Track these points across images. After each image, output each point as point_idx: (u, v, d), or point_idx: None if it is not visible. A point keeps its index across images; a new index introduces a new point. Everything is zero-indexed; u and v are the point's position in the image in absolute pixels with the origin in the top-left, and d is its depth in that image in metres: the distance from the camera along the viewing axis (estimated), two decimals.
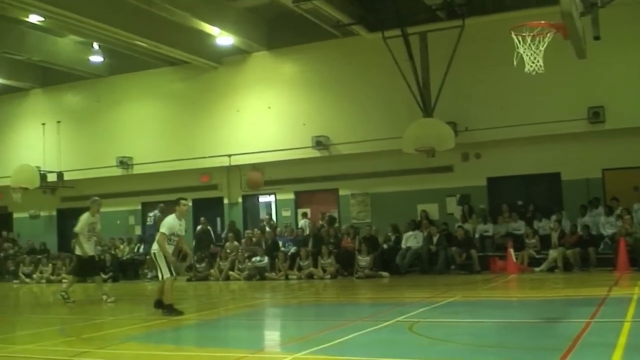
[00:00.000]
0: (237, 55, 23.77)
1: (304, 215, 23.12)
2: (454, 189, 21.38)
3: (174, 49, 22.34)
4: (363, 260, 19.52)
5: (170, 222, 12.24)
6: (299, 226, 22.63)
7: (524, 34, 8.99)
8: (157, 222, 21.82)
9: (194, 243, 22.59)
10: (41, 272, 24.21)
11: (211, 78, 24.23)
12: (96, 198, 15.63)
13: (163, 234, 12.05)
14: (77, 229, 15.02)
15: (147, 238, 22.19)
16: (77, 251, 15.25)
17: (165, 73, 25.05)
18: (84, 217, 15.13)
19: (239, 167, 23.70)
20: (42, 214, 28.08)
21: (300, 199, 23.82)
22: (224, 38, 22.14)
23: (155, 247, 12.20)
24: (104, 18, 19.92)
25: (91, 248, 15.30)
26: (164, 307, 12.15)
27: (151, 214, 22.45)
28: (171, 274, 12.10)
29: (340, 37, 21.72)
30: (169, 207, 21.87)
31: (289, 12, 20.60)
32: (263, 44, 23.23)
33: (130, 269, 23.64)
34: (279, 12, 21.60)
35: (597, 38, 8.77)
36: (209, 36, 22.06)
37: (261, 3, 21.33)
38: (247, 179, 15.71)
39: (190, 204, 23.13)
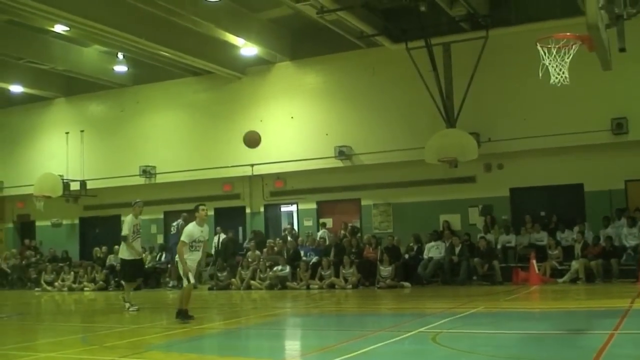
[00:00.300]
0: (260, 66, 23.89)
1: (323, 225, 23.16)
2: (477, 199, 21.32)
3: (198, 59, 22.50)
4: (385, 270, 19.48)
5: (190, 230, 12.39)
6: (319, 236, 22.66)
7: (549, 46, 8.96)
8: (180, 230, 21.94)
9: (213, 251, 22.73)
10: (63, 280, 24.40)
11: (235, 88, 24.35)
12: (138, 200, 15.77)
13: (183, 242, 12.23)
14: (124, 232, 15.13)
15: (171, 247, 22.32)
16: (122, 255, 15.41)
17: (189, 83, 25.22)
18: (129, 219, 15.25)
19: (262, 177, 23.81)
20: (65, 222, 28.34)
21: (322, 209, 23.85)
22: (248, 49, 22.28)
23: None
24: (128, 28, 20.10)
25: (139, 250, 15.56)
26: (179, 313, 12.25)
27: (175, 223, 22.54)
28: (189, 281, 12.20)
29: (363, 47, 21.76)
30: (191, 216, 21.99)
31: (313, 23, 20.67)
32: (287, 55, 23.34)
33: (152, 278, 23.68)
34: (303, 23, 21.67)
35: (622, 50, 8.72)
36: (233, 47, 22.21)
37: (285, 14, 21.42)
38: (244, 138, 15.77)
39: (212, 212, 23.47)
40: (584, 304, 14.21)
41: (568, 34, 8.70)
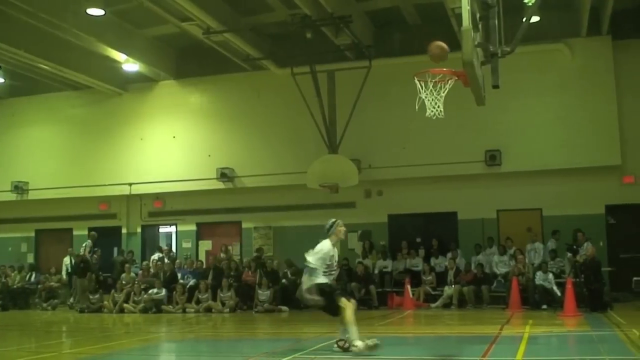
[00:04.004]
0: (143, 83, 23.48)
1: (159, 249, 22.99)
2: (356, 224, 21.57)
3: (77, 73, 21.84)
4: (263, 294, 19.43)
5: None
6: (152, 260, 22.36)
7: (426, 80, 9.22)
8: (88, 251, 21.23)
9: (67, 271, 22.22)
10: None
11: (115, 104, 23.79)
12: (336, 220, 11.52)
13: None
14: (314, 263, 10.78)
15: (73, 267, 21.63)
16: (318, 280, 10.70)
17: (68, 97, 24.44)
18: (324, 248, 11.24)
19: (140, 197, 23.32)
20: None
21: (202, 231, 23.61)
22: (129, 65, 21.82)
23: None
24: (7, 39, 19.30)
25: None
26: None
27: (84, 244, 21.59)
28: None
29: (249, 70, 21.82)
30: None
31: (199, 43, 20.56)
32: (171, 73, 23.05)
33: (20, 298, 22.73)
34: (189, 43, 21.51)
35: (496, 87, 9.06)
36: (114, 62, 21.70)
37: (170, 32, 21.15)
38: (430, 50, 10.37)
39: (85, 232, 22.79)
40: (455, 330, 14.60)
41: (444, 69, 8.95)
